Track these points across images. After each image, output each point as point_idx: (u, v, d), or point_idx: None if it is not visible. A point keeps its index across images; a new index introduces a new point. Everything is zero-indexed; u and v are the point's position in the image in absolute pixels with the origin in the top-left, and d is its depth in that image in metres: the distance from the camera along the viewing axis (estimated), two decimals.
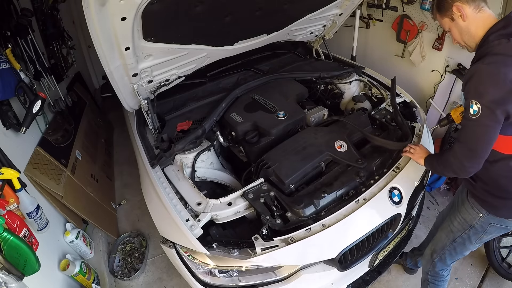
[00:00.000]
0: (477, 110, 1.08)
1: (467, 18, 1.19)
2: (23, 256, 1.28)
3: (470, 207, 1.40)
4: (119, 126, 3.90)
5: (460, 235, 1.48)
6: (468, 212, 1.41)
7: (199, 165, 1.73)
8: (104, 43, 1.30)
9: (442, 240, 1.58)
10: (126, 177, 3.23)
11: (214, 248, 1.34)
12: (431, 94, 2.87)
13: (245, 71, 2.47)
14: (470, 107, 1.09)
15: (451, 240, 1.52)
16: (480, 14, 1.18)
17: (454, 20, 1.22)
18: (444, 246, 1.57)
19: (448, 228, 1.53)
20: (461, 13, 1.18)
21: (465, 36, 1.24)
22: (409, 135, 1.74)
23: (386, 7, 2.85)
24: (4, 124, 1.78)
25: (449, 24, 1.26)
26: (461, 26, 1.22)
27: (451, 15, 1.22)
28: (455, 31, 1.26)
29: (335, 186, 1.49)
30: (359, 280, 1.69)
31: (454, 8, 1.19)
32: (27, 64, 2.24)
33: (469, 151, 1.15)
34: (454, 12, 1.20)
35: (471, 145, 1.14)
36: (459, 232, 1.47)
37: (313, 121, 2.05)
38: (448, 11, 1.22)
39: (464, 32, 1.23)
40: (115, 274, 2.26)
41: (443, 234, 1.57)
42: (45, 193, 1.94)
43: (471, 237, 1.45)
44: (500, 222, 1.34)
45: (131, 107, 1.97)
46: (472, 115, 1.09)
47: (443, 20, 1.28)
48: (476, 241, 1.46)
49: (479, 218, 1.37)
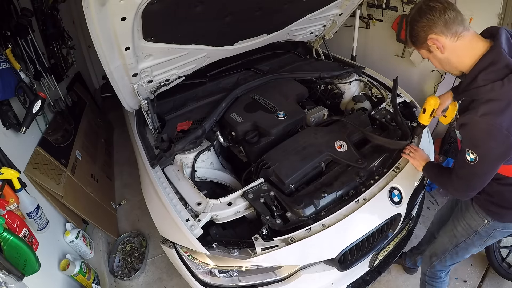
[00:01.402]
0: (474, 158, 1.08)
1: (445, 50, 1.08)
2: (23, 256, 1.28)
3: (475, 213, 1.37)
4: (119, 126, 3.90)
5: (464, 240, 1.46)
6: (473, 218, 1.39)
7: (199, 165, 1.72)
8: (104, 43, 1.30)
9: (444, 244, 1.56)
10: (126, 177, 3.23)
11: (214, 248, 1.33)
12: (431, 94, 2.87)
13: (245, 71, 2.47)
14: (467, 154, 1.09)
15: (454, 244, 1.50)
16: (460, 41, 1.06)
17: (432, 52, 1.12)
18: (445, 250, 1.55)
19: (451, 232, 1.51)
20: (437, 46, 1.07)
21: (446, 66, 1.15)
22: (409, 135, 1.74)
23: (386, 7, 2.85)
24: (4, 124, 1.78)
25: (427, 55, 1.16)
26: (440, 57, 1.12)
27: (427, 47, 1.11)
28: (435, 62, 1.17)
29: (335, 186, 1.49)
30: (359, 280, 1.69)
31: (429, 41, 1.07)
32: (27, 64, 2.24)
33: (468, 187, 1.19)
34: (429, 45, 1.09)
35: (470, 182, 1.17)
36: (463, 237, 1.45)
37: (313, 121, 2.05)
38: (423, 43, 1.11)
39: (445, 63, 1.14)
40: (115, 274, 2.26)
41: (446, 238, 1.55)
42: (45, 193, 1.94)
43: (475, 242, 1.43)
44: (505, 226, 1.33)
45: (131, 107, 1.97)
46: (469, 161, 1.10)
47: (420, 51, 1.18)
48: (481, 245, 1.45)
49: (484, 225, 1.36)
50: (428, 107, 1.46)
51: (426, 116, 1.51)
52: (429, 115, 1.49)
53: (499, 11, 2.13)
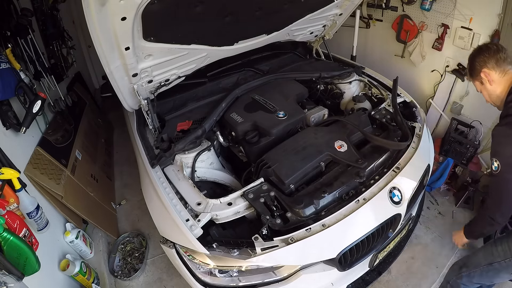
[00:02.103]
0: (497, 166, 1.23)
1: (493, 82, 1.34)
2: (23, 256, 1.28)
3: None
4: (119, 126, 3.90)
5: (499, 262, 1.45)
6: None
7: (199, 165, 1.73)
8: (104, 43, 1.30)
9: (478, 258, 1.56)
10: (126, 177, 3.23)
11: (214, 248, 1.34)
12: (431, 94, 2.87)
13: (245, 71, 2.47)
14: (492, 164, 1.26)
15: (488, 262, 1.50)
16: (506, 77, 1.31)
17: (483, 84, 1.38)
18: (478, 265, 1.54)
19: (490, 250, 1.51)
20: (488, 78, 1.34)
21: (493, 97, 1.39)
22: (409, 135, 1.74)
23: (386, 7, 2.85)
24: (4, 124, 1.78)
25: (480, 86, 1.42)
26: (489, 89, 1.37)
27: (480, 79, 1.37)
28: (485, 93, 1.42)
29: (335, 186, 1.49)
30: (359, 280, 1.69)
31: (482, 74, 1.34)
32: (27, 64, 2.24)
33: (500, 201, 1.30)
34: (482, 77, 1.35)
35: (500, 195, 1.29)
36: (499, 258, 1.45)
37: (313, 121, 2.05)
38: (477, 76, 1.37)
39: (492, 95, 1.38)
40: (115, 274, 2.26)
41: (481, 254, 1.56)
42: (45, 193, 1.94)
43: (509, 267, 1.43)
44: None
45: (131, 107, 1.97)
46: (494, 171, 1.25)
47: (474, 83, 1.44)
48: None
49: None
50: None
51: None
52: None
53: (499, 11, 2.13)
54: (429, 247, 2.32)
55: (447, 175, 2.64)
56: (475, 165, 2.60)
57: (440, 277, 2.13)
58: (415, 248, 2.30)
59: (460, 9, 2.34)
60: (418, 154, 1.68)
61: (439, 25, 2.54)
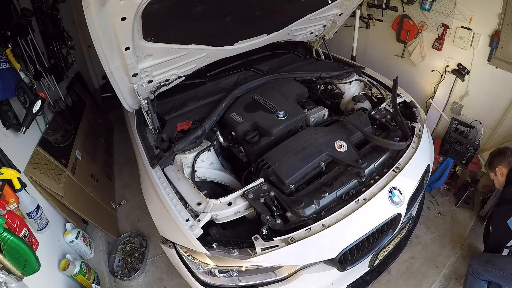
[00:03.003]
0: None
1: (503, 176, 1.88)
2: (23, 256, 1.28)
3: None
4: (119, 126, 3.90)
5: None
6: None
7: (199, 165, 1.72)
8: (104, 43, 1.30)
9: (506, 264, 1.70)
10: (126, 177, 3.23)
11: (214, 248, 1.34)
12: (431, 94, 2.87)
13: (245, 71, 2.47)
14: None
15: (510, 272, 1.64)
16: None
17: (496, 175, 1.92)
18: (503, 269, 1.69)
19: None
20: (500, 173, 1.89)
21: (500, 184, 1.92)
22: (409, 135, 1.74)
23: (386, 7, 2.85)
24: (4, 124, 1.78)
25: (493, 176, 1.97)
26: (500, 180, 1.91)
27: (494, 172, 1.92)
28: (496, 181, 1.95)
29: (335, 186, 1.49)
30: (359, 280, 1.69)
31: (497, 169, 1.90)
32: (27, 64, 2.24)
33: None
34: (496, 171, 1.90)
35: None
36: None
37: (313, 121, 2.05)
38: (493, 169, 1.93)
39: (501, 183, 1.91)
40: (115, 274, 2.26)
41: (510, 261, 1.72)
42: (45, 193, 1.94)
43: None
44: None
45: (131, 107, 1.97)
46: None
47: (490, 173, 1.97)
48: None
49: None
50: None
51: None
52: None
53: (499, 11, 2.13)
54: (429, 247, 2.32)
55: (447, 175, 2.65)
56: (475, 165, 2.60)
57: (440, 277, 2.14)
58: (415, 248, 2.30)
59: (460, 9, 2.34)
60: (418, 154, 1.68)
61: (439, 25, 2.54)
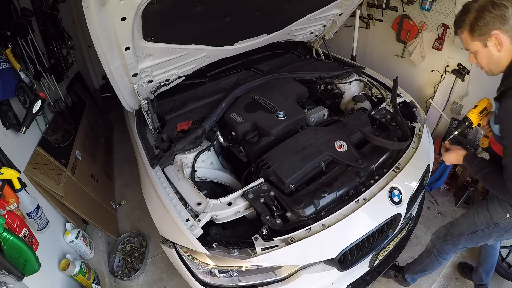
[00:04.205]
0: None
1: (502, 49, 1.11)
2: (23, 256, 1.28)
3: (499, 206, 1.41)
4: (119, 126, 3.90)
5: (482, 229, 1.49)
6: (496, 210, 1.42)
7: (199, 165, 1.72)
8: (104, 43, 1.30)
9: (462, 227, 1.59)
10: (126, 177, 3.23)
11: (214, 248, 1.33)
12: (431, 94, 2.87)
13: (245, 71, 2.47)
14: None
15: (472, 231, 1.53)
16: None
17: (487, 47, 1.14)
18: (462, 233, 1.58)
19: (472, 219, 1.53)
20: (498, 42, 1.11)
21: (493, 65, 1.18)
22: (409, 135, 1.74)
23: (386, 7, 2.85)
24: (4, 124, 1.79)
25: (479, 48, 1.17)
26: (493, 55, 1.14)
27: (485, 41, 1.13)
28: (483, 57, 1.18)
29: (335, 186, 1.49)
30: (359, 280, 1.69)
31: (492, 35, 1.10)
32: (27, 64, 2.24)
33: None
34: (490, 39, 1.12)
35: None
36: (482, 226, 1.49)
37: (313, 121, 2.05)
38: (483, 35, 1.12)
39: (494, 61, 1.17)
40: (115, 274, 2.26)
41: (465, 223, 1.58)
42: (45, 193, 1.94)
43: (492, 233, 1.47)
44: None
45: (131, 107, 1.97)
46: None
47: (472, 42, 1.17)
48: (496, 238, 1.49)
49: (506, 218, 1.39)
50: (481, 103, 1.43)
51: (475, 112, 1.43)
52: (479, 112, 1.43)
53: None
54: None
55: (447, 175, 2.65)
56: None
57: (440, 277, 2.14)
58: (415, 248, 2.30)
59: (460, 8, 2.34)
60: (418, 154, 1.68)
61: (439, 25, 2.54)
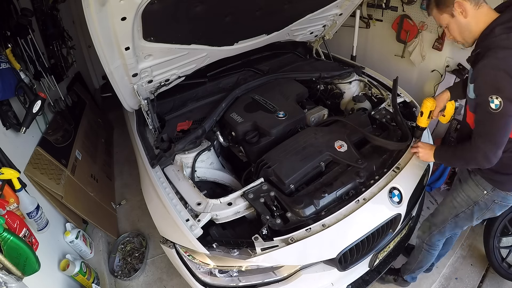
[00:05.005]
0: (499, 104, 1.10)
1: (468, 15, 1.19)
2: (23, 256, 1.28)
3: (474, 185, 1.43)
4: (119, 126, 3.90)
5: (463, 211, 1.51)
6: (472, 189, 1.44)
7: (199, 165, 1.72)
8: (104, 43, 1.30)
9: (444, 214, 1.61)
10: (126, 177, 3.23)
11: (214, 248, 1.33)
12: (431, 94, 2.87)
13: (245, 71, 2.47)
14: (491, 102, 1.11)
15: (454, 215, 1.56)
16: (480, 10, 1.19)
17: (454, 17, 1.22)
18: (445, 220, 1.60)
19: (451, 204, 1.56)
20: (462, 10, 1.19)
21: (465, 33, 1.25)
22: (409, 135, 1.74)
23: (386, 7, 2.85)
24: (4, 124, 1.79)
25: (448, 20, 1.26)
26: (462, 22, 1.22)
27: (451, 12, 1.22)
28: (454, 27, 1.26)
29: (335, 186, 1.49)
30: (359, 280, 1.69)
31: (455, 4, 1.19)
32: (27, 64, 2.24)
33: (494, 144, 1.18)
34: (455, 9, 1.20)
35: (496, 137, 1.17)
36: (462, 208, 1.51)
37: (313, 121, 2.05)
38: (448, 7, 1.22)
39: (464, 29, 1.24)
40: (115, 274, 2.26)
41: (446, 209, 1.60)
42: (45, 193, 1.94)
43: (474, 213, 1.48)
44: (504, 199, 1.38)
45: (131, 107, 1.97)
46: (494, 109, 1.11)
47: (441, 16, 1.27)
48: (478, 217, 1.50)
49: (483, 195, 1.41)
50: (425, 110, 1.51)
51: (424, 118, 1.54)
52: (427, 118, 1.53)
53: None
54: None
55: (447, 175, 2.64)
56: None
57: (440, 277, 2.14)
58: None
59: None
60: None
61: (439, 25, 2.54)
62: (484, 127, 1.19)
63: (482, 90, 1.15)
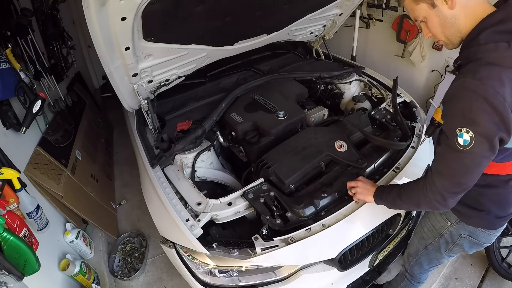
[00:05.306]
0: (469, 140, 0.84)
1: (456, 4, 0.87)
2: (23, 256, 1.28)
3: (439, 214, 1.27)
4: (119, 126, 3.90)
5: (431, 243, 1.36)
6: (437, 219, 1.29)
7: (199, 165, 1.73)
8: (104, 43, 1.30)
9: (415, 244, 1.48)
10: (126, 177, 3.23)
11: (214, 248, 1.33)
12: (431, 94, 2.87)
13: (245, 71, 2.47)
14: (459, 136, 0.85)
15: (423, 246, 1.41)
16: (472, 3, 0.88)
17: (436, 7, 0.90)
18: (417, 251, 1.46)
19: (419, 234, 1.42)
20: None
21: (449, 30, 0.92)
22: (409, 135, 1.74)
23: (386, 7, 2.85)
24: (4, 124, 1.79)
25: (427, 12, 0.93)
26: (446, 15, 0.90)
27: (431, 0, 0.90)
28: (435, 21, 0.93)
29: (335, 186, 1.49)
30: (359, 280, 1.69)
31: None
32: (27, 64, 2.24)
33: (456, 185, 0.93)
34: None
35: (460, 179, 0.92)
36: (430, 239, 1.36)
37: (313, 121, 2.05)
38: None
39: (449, 24, 0.91)
40: (115, 274, 2.26)
41: (416, 239, 1.47)
42: (45, 193, 1.94)
43: (441, 246, 1.32)
44: (471, 234, 1.19)
45: (131, 107, 1.97)
46: (461, 145, 0.85)
47: (417, 6, 0.94)
48: (447, 251, 1.32)
49: (448, 227, 1.24)
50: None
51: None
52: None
53: None
54: None
55: None
56: None
57: (440, 277, 2.14)
58: None
59: None
60: (418, 154, 1.68)
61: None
62: (445, 164, 0.93)
63: (450, 118, 0.90)
